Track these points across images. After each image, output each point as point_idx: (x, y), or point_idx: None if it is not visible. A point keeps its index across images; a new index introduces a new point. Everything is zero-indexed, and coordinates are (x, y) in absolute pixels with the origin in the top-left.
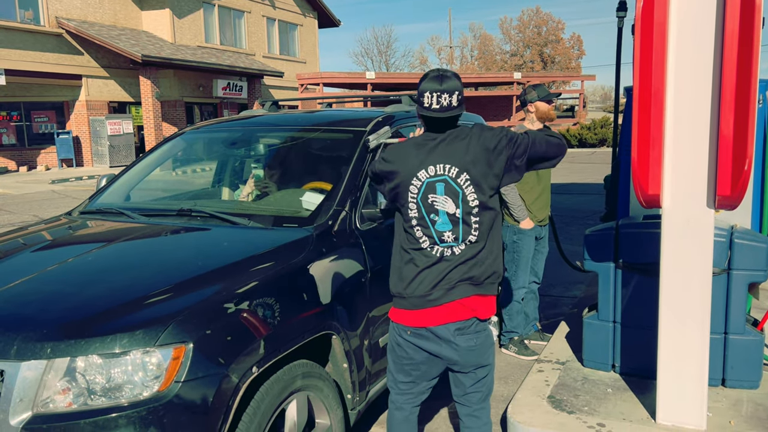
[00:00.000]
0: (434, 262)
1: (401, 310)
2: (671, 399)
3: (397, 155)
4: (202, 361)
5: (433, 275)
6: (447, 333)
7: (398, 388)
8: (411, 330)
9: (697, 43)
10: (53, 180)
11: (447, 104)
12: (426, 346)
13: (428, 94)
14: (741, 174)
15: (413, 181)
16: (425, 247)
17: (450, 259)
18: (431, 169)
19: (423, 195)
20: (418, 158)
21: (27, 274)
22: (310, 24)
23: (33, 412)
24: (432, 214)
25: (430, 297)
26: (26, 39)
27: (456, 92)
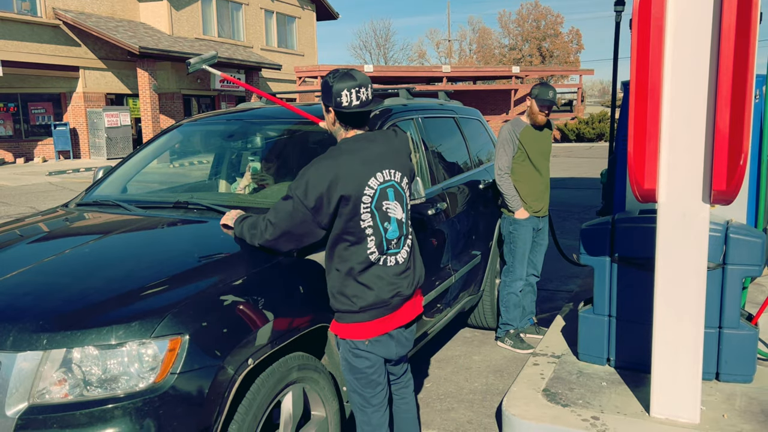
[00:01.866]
0: (384, 271)
1: (353, 325)
2: (665, 392)
3: (337, 164)
4: (198, 352)
5: (386, 284)
6: (399, 332)
7: (372, 405)
8: (369, 340)
9: (694, 37)
10: (50, 172)
11: (366, 98)
12: (380, 351)
13: (346, 92)
14: (736, 169)
15: (366, 190)
16: (374, 259)
17: (397, 266)
18: (380, 176)
19: (377, 203)
20: (362, 167)
21: (23, 265)
22: (309, 16)
23: (29, 403)
24: (386, 222)
25: (387, 305)
26: (23, 30)
27: (370, 85)
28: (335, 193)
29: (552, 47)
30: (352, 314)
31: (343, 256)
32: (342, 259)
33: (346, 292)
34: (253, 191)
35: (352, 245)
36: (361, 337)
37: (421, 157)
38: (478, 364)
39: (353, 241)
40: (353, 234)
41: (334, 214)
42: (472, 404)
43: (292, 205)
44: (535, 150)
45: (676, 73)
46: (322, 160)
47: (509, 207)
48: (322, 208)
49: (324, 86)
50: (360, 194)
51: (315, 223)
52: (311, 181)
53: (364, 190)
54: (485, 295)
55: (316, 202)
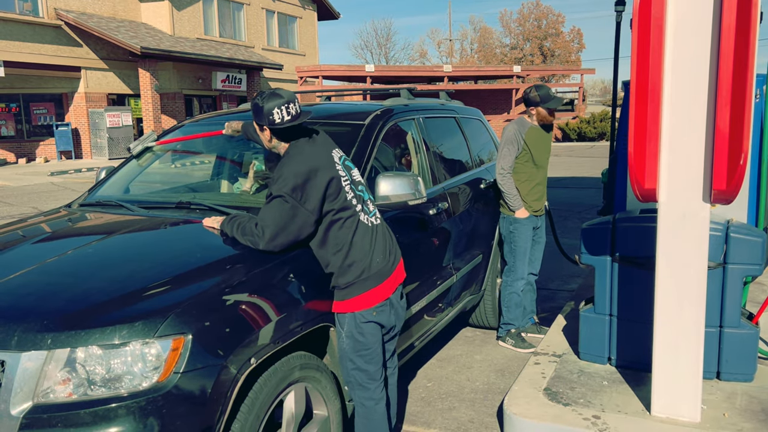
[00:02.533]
0: (373, 232)
1: (364, 294)
2: (666, 391)
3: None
4: (201, 352)
5: (380, 244)
6: (396, 298)
7: (375, 380)
8: (376, 309)
9: (694, 37)
10: (52, 172)
11: (296, 112)
12: (385, 320)
13: (277, 110)
14: (737, 168)
15: (337, 167)
16: (364, 221)
17: (377, 225)
18: (334, 153)
19: (346, 175)
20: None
21: (27, 265)
22: (310, 16)
23: (33, 402)
24: (359, 186)
25: (388, 264)
26: (25, 31)
27: (296, 99)
28: (321, 178)
29: (553, 46)
30: (361, 282)
31: (339, 235)
32: (339, 239)
33: (352, 263)
34: (256, 191)
35: (346, 220)
36: (369, 305)
37: (422, 157)
38: (480, 363)
39: (346, 215)
40: (344, 208)
41: (323, 198)
42: (474, 403)
43: (282, 204)
44: (538, 150)
45: (676, 72)
46: (293, 158)
47: (510, 206)
48: (311, 197)
49: (255, 108)
50: (335, 172)
51: (309, 214)
52: (294, 177)
53: (336, 168)
54: (486, 295)
55: (304, 193)
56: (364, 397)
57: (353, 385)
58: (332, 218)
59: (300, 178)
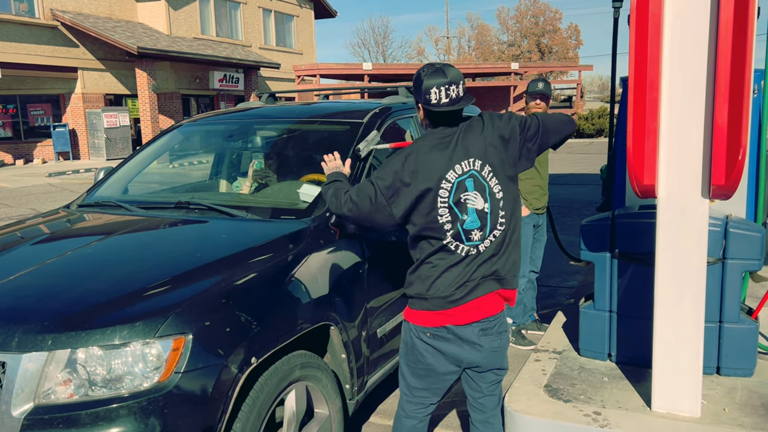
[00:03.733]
0: (458, 260)
1: (421, 312)
2: (666, 387)
3: (417, 161)
4: (202, 352)
5: (456, 274)
6: (471, 334)
7: (411, 395)
8: (431, 331)
9: (692, 33)
10: (50, 173)
11: (456, 96)
12: (446, 349)
13: (435, 90)
14: (735, 164)
15: (443, 184)
16: (450, 247)
17: (475, 256)
18: (458, 168)
19: (455, 196)
20: (442, 159)
21: (27, 267)
22: (307, 15)
23: (35, 403)
24: (464, 214)
25: (452, 297)
26: (21, 32)
27: (461, 81)
28: (414, 189)
29: (551, 43)
30: (421, 300)
31: (422, 246)
32: (421, 249)
33: (420, 275)
34: (255, 190)
35: (431, 239)
36: (424, 323)
37: None
38: None
39: (431, 235)
40: (431, 228)
41: (411, 208)
42: None
43: (373, 192)
44: None
45: (674, 68)
46: (405, 154)
47: None
48: (400, 203)
49: (416, 81)
50: (437, 189)
51: (389, 215)
52: (393, 174)
53: (441, 184)
54: None
55: (394, 194)
56: (400, 404)
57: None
58: (418, 231)
59: (397, 181)
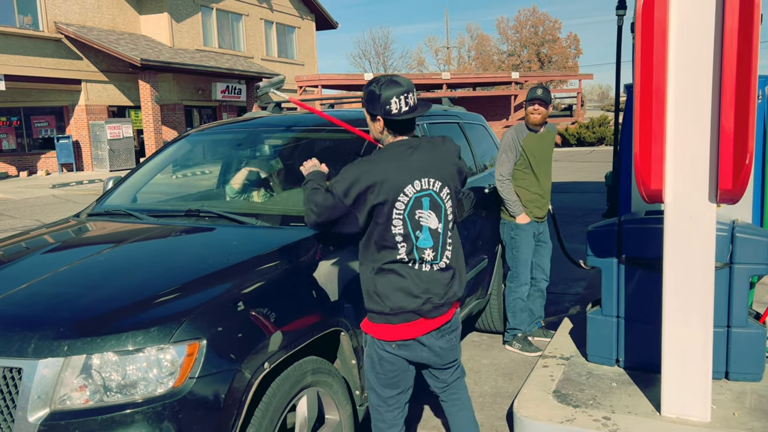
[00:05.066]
0: (413, 277)
1: (383, 325)
2: (675, 391)
3: (376, 170)
4: (216, 357)
5: (415, 291)
6: (430, 339)
7: (387, 405)
8: (396, 343)
9: (697, 38)
10: (54, 185)
11: (414, 103)
12: (409, 356)
13: (395, 99)
14: (742, 168)
15: (400, 197)
16: (406, 261)
17: (430, 275)
18: (417, 184)
19: (410, 211)
20: (402, 172)
21: (41, 274)
22: (308, 26)
23: (50, 409)
24: (417, 231)
25: (417, 311)
26: (25, 44)
27: (414, 90)
28: (371, 198)
29: (550, 52)
30: (383, 315)
31: (375, 257)
32: (373, 259)
33: (378, 291)
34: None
35: (384, 249)
36: (389, 338)
37: None
38: (487, 367)
39: (384, 245)
40: (385, 239)
41: (368, 216)
42: (483, 407)
43: (332, 200)
44: (537, 156)
45: (679, 73)
46: (364, 163)
47: (510, 212)
48: (359, 207)
49: (370, 95)
50: (394, 201)
51: (354, 217)
52: (351, 182)
53: (399, 197)
54: (492, 299)
55: (354, 200)
56: (375, 419)
57: (369, 403)
58: (372, 239)
59: (356, 188)
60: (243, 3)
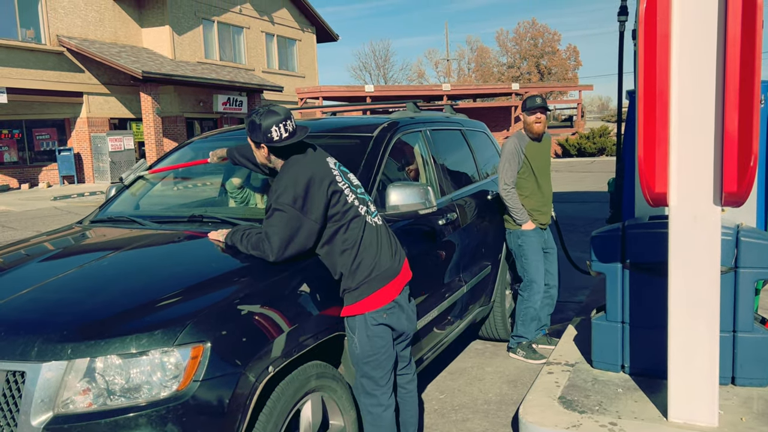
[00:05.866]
0: (378, 232)
1: (372, 296)
2: (682, 396)
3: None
4: (220, 360)
5: (385, 243)
6: (404, 300)
7: (380, 385)
8: (385, 311)
9: (700, 40)
10: (55, 197)
11: (293, 129)
12: (395, 322)
13: (275, 128)
14: (747, 170)
15: (333, 173)
16: (368, 221)
17: (380, 226)
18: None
19: (343, 180)
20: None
21: (44, 279)
22: (309, 39)
23: (54, 413)
24: (359, 189)
25: (394, 263)
26: (27, 57)
27: (292, 116)
28: (321, 185)
29: (550, 64)
30: (368, 284)
31: (347, 238)
32: (347, 241)
33: (361, 262)
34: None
35: (351, 221)
36: (379, 305)
37: (430, 169)
38: (491, 375)
39: (350, 216)
40: (348, 211)
41: (326, 206)
42: (488, 414)
43: (285, 216)
44: (538, 163)
45: (683, 75)
46: (290, 168)
47: (516, 220)
48: (314, 207)
49: (251, 125)
50: (333, 177)
51: (313, 223)
52: (294, 187)
53: (333, 173)
54: (496, 307)
55: (306, 203)
56: (370, 404)
57: (359, 392)
58: (338, 223)
59: (300, 188)
60: (244, 16)
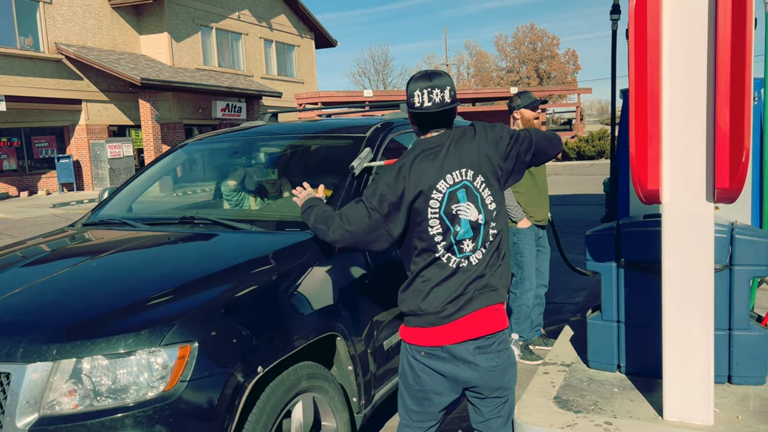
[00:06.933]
0: (449, 274)
1: (415, 329)
2: (677, 395)
3: (408, 173)
4: (208, 360)
5: (448, 288)
6: (466, 352)
7: (409, 419)
8: (425, 351)
9: (691, 35)
10: (54, 204)
11: (440, 100)
12: (442, 369)
13: (418, 92)
14: (739, 166)
15: (433, 194)
16: (443, 259)
17: (467, 269)
18: (449, 178)
19: (446, 207)
20: (432, 169)
21: (32, 281)
22: (307, 45)
23: (39, 414)
24: (456, 225)
25: (444, 313)
26: (26, 65)
27: (448, 87)
28: (406, 201)
29: (549, 68)
30: (414, 317)
31: (414, 261)
32: (413, 263)
33: (412, 290)
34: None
35: (423, 251)
36: (417, 342)
37: None
38: None
39: (423, 247)
40: (423, 240)
41: (406, 221)
42: None
43: (365, 212)
44: None
45: (675, 71)
46: (394, 168)
47: (512, 217)
48: (396, 218)
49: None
50: (428, 200)
51: (386, 231)
52: (383, 189)
53: (432, 194)
54: None
55: (388, 209)
56: (399, 427)
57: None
58: (411, 242)
59: (389, 195)
60: (242, 22)
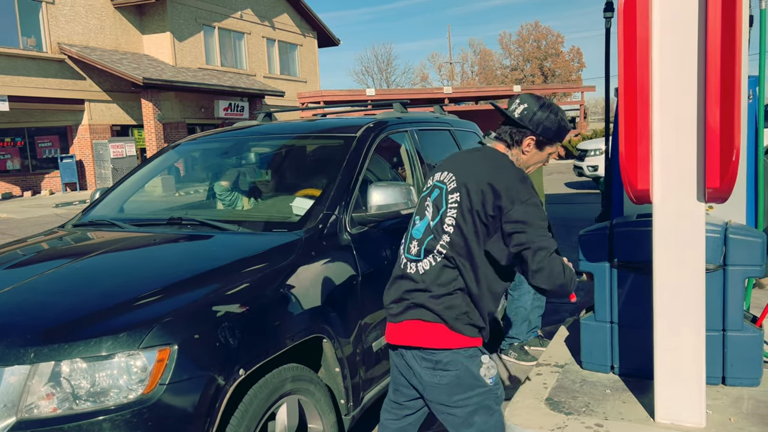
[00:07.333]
0: (400, 274)
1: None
2: (669, 397)
3: None
4: (188, 363)
5: (397, 289)
6: (412, 358)
7: (388, 403)
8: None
9: (681, 34)
10: (57, 204)
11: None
12: (398, 364)
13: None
14: (729, 165)
15: (428, 181)
16: (401, 254)
17: (413, 276)
18: (438, 175)
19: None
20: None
21: (13, 283)
22: (310, 43)
23: (17, 418)
24: (416, 216)
25: (391, 311)
26: (29, 65)
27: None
28: None
29: (553, 66)
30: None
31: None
32: None
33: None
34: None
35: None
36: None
37: (416, 169)
38: None
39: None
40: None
41: None
42: None
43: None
44: None
45: (664, 71)
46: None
47: None
48: None
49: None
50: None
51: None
52: None
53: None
54: None
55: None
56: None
57: None
58: None
59: None
60: (245, 22)
